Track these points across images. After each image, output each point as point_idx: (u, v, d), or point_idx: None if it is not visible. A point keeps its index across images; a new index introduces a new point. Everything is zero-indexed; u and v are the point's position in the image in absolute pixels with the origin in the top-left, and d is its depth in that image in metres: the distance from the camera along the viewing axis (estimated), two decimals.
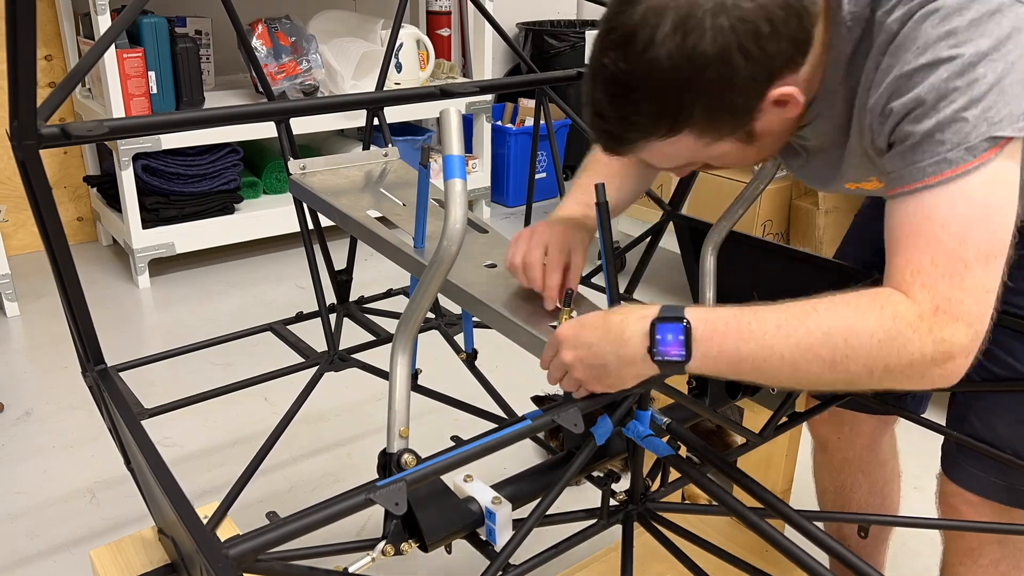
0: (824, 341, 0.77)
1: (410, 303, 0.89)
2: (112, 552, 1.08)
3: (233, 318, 2.78)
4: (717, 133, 0.85)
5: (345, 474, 1.99)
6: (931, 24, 0.79)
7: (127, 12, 1.08)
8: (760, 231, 2.64)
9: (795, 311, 0.80)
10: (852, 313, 0.78)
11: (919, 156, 0.79)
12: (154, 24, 2.80)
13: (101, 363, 1.10)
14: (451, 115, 0.86)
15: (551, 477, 0.98)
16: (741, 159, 0.92)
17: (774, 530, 0.86)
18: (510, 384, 1.61)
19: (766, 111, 0.84)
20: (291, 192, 1.38)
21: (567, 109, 1.63)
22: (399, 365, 0.89)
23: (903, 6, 0.82)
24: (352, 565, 0.82)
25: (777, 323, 0.79)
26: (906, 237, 0.79)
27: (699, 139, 0.85)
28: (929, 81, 0.78)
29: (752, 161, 0.95)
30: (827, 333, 0.77)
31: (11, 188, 3.14)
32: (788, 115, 0.87)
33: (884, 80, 0.82)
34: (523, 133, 3.86)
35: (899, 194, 0.81)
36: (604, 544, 1.49)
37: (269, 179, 3.33)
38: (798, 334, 0.78)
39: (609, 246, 0.96)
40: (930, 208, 0.78)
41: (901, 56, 0.81)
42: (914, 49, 0.80)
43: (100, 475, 1.97)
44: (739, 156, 0.91)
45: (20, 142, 0.89)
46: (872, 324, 0.76)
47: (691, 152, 0.88)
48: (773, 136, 0.90)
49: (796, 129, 0.95)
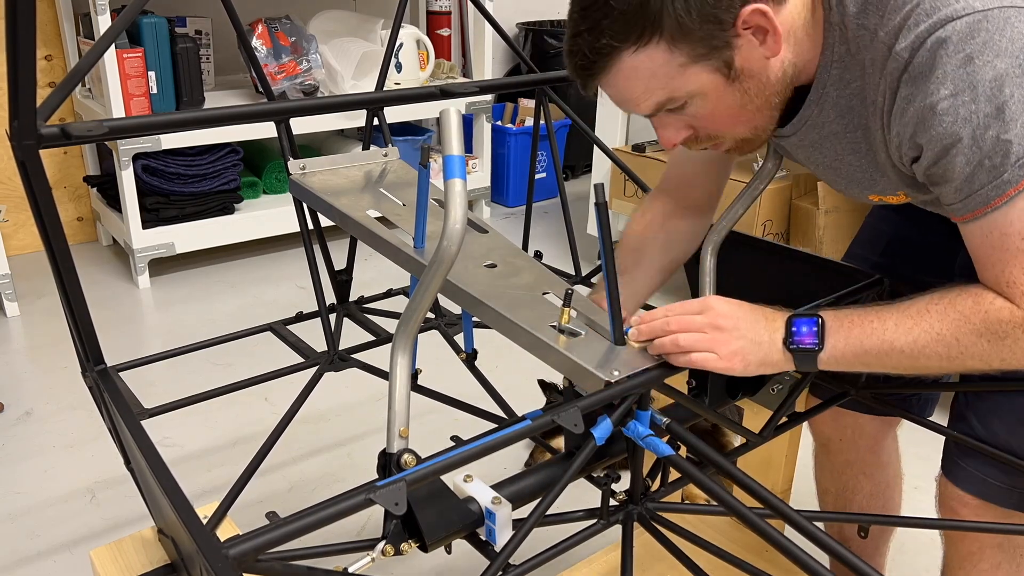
0: (939, 340, 0.88)
1: (410, 303, 0.89)
2: (112, 552, 1.08)
3: (233, 318, 2.78)
4: (690, 46, 0.85)
5: (345, 474, 1.99)
6: (946, 53, 0.80)
7: (127, 12, 1.08)
8: (760, 231, 2.64)
9: (910, 312, 0.90)
10: (959, 316, 0.88)
11: (976, 185, 0.83)
12: (154, 24, 2.80)
13: (101, 363, 1.10)
14: (451, 115, 0.86)
15: (551, 477, 0.98)
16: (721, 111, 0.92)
17: (774, 530, 0.86)
18: (510, 384, 1.61)
19: (743, 38, 0.85)
20: (291, 192, 1.38)
21: (567, 109, 1.63)
22: (399, 365, 0.89)
23: (910, 33, 0.83)
24: (352, 565, 0.82)
25: (896, 322, 0.90)
26: (992, 254, 0.86)
27: (673, 55, 0.85)
28: (960, 114, 0.81)
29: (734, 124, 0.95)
30: (940, 334, 0.88)
31: (11, 188, 3.14)
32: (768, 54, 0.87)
33: (907, 108, 0.85)
34: (523, 133, 3.86)
35: (969, 220, 0.87)
36: (604, 544, 1.49)
37: (269, 179, 3.33)
38: (915, 333, 0.89)
39: (609, 246, 0.96)
40: (1005, 224, 0.84)
41: (922, 86, 0.83)
42: (934, 79, 0.82)
43: (100, 475, 1.97)
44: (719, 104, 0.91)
45: (20, 142, 0.89)
46: (979, 327, 0.87)
47: (666, 76, 0.87)
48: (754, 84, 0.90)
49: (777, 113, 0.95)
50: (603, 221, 0.96)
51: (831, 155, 1.02)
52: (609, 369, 0.95)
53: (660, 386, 0.98)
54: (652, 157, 2.80)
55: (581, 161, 4.16)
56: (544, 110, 1.63)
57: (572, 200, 1.86)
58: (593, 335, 1.02)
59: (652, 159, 2.79)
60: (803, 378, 1.16)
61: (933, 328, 0.88)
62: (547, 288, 1.13)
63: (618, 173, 2.91)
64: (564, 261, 1.71)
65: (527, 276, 1.16)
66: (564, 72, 1.57)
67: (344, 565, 0.83)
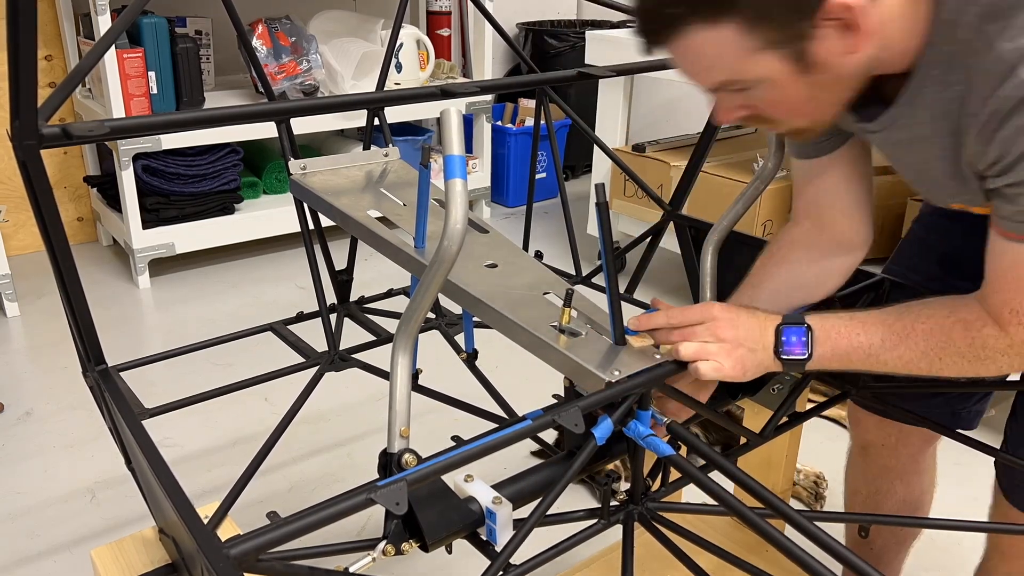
0: (922, 357, 0.91)
1: (410, 303, 0.89)
2: (113, 552, 1.08)
3: (233, 318, 2.78)
4: (767, 32, 0.78)
5: (345, 474, 1.99)
6: None
7: (127, 12, 1.08)
8: (760, 231, 2.64)
9: (896, 328, 0.92)
10: (945, 338, 0.89)
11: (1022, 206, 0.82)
12: (154, 24, 2.80)
13: (102, 363, 1.10)
14: (451, 115, 0.86)
15: (551, 477, 0.98)
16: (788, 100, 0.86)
17: (775, 530, 0.86)
18: (510, 384, 1.61)
19: (825, 29, 0.78)
20: (291, 192, 1.38)
21: (567, 109, 1.63)
22: (400, 365, 0.89)
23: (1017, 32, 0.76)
24: (353, 565, 0.82)
25: (882, 337, 0.92)
26: (1008, 280, 0.86)
27: (745, 37, 0.79)
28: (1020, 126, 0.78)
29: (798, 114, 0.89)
30: (924, 352, 0.90)
31: (11, 188, 3.14)
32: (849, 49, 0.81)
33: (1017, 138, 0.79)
34: (523, 133, 3.86)
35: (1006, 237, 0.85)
36: (604, 544, 1.49)
37: (269, 179, 3.33)
38: (899, 350, 0.91)
39: (609, 246, 0.96)
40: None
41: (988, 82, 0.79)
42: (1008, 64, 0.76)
43: (100, 475, 1.97)
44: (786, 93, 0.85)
45: (21, 142, 0.89)
46: (963, 349, 0.89)
47: (733, 57, 0.81)
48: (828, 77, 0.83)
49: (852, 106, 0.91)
50: (604, 221, 0.96)
51: (919, 158, 0.95)
52: (610, 369, 0.95)
53: (661, 386, 0.98)
54: (652, 157, 2.80)
55: (581, 161, 4.16)
56: (544, 110, 1.63)
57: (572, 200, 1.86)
58: (594, 335, 1.02)
59: (652, 159, 2.79)
60: (803, 378, 1.16)
61: (919, 347, 0.90)
62: (548, 288, 1.13)
63: (618, 173, 2.91)
64: (564, 261, 1.71)
65: (528, 276, 1.16)
66: (564, 72, 1.58)
67: (344, 565, 0.83)
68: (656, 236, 1.56)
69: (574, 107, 1.66)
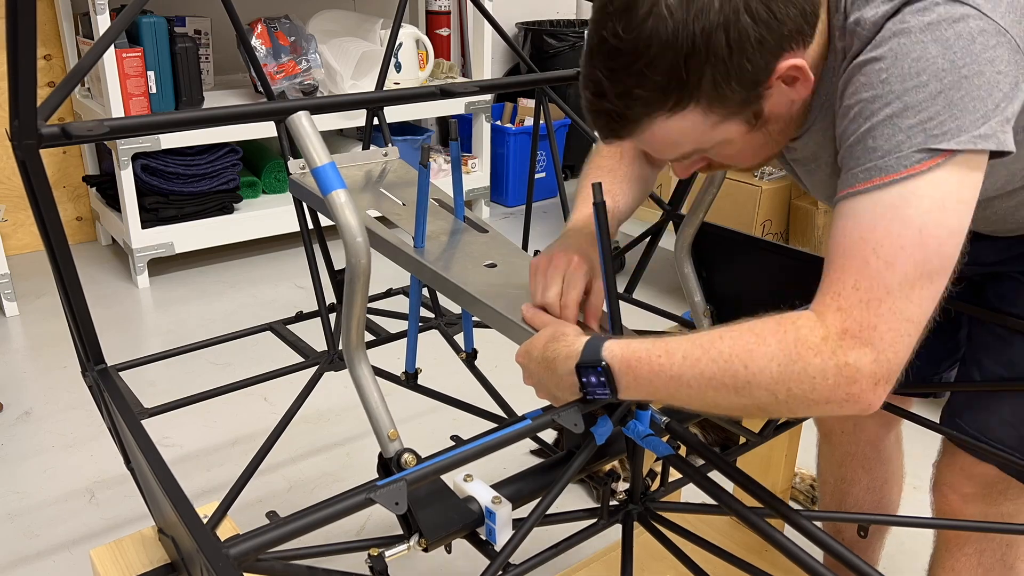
0: (726, 369, 0.77)
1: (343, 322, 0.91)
2: (112, 552, 1.08)
3: (233, 318, 2.78)
4: (725, 108, 0.81)
5: (345, 474, 1.99)
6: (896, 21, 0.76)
7: (127, 12, 1.08)
8: (760, 231, 2.65)
9: (702, 340, 0.79)
10: (754, 338, 0.76)
11: (853, 162, 0.78)
12: (153, 24, 2.80)
13: (101, 363, 1.10)
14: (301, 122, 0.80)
15: (551, 477, 0.98)
16: (744, 151, 0.90)
17: (774, 530, 0.86)
18: (510, 384, 1.61)
19: (775, 88, 0.81)
20: (291, 192, 1.38)
21: (567, 109, 1.63)
22: (362, 377, 0.90)
23: None
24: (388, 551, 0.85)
25: (684, 354, 0.80)
26: (840, 256, 0.76)
27: (706, 116, 0.82)
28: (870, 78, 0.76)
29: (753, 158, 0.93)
30: (728, 360, 0.77)
31: (11, 188, 3.14)
32: (795, 97, 0.84)
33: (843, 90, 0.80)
34: (522, 133, 3.86)
35: (838, 199, 0.79)
36: (604, 544, 1.49)
37: (268, 179, 3.33)
38: (701, 364, 0.78)
39: (607, 246, 0.96)
40: (867, 229, 0.75)
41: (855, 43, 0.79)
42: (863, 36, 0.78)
43: (100, 475, 1.97)
44: (743, 146, 0.88)
45: (20, 142, 0.89)
46: (772, 348, 0.75)
47: (697, 134, 0.84)
48: (778, 124, 0.87)
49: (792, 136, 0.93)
50: (602, 220, 0.96)
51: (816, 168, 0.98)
52: None
53: None
54: None
55: (581, 161, 4.14)
56: (544, 110, 1.63)
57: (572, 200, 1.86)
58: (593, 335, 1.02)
59: None
60: None
61: (722, 355, 0.77)
62: None
63: None
64: None
65: (527, 276, 1.16)
66: (564, 72, 1.58)
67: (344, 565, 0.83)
68: (655, 236, 1.56)
69: (573, 107, 1.65)
